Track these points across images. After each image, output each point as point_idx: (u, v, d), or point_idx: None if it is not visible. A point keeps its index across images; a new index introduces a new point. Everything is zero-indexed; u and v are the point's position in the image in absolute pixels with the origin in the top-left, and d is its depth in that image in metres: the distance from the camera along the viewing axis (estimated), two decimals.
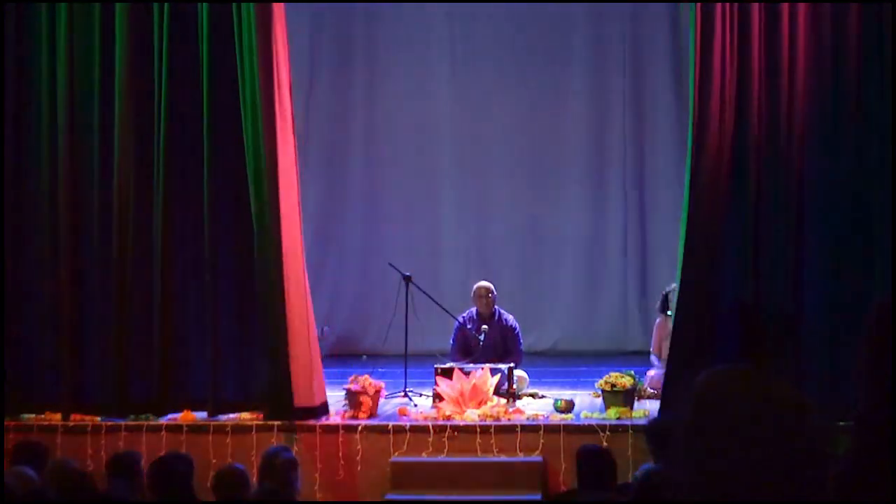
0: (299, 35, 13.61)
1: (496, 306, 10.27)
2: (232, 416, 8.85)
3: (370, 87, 13.59)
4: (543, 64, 13.46)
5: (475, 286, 10.31)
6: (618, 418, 8.65)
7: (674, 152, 13.41)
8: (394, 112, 13.57)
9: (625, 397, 8.93)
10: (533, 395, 9.86)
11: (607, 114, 13.47)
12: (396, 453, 8.57)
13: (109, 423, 8.77)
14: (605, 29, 13.41)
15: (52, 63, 9.05)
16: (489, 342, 10.06)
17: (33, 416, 8.90)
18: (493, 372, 9.19)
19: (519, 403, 9.32)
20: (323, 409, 8.90)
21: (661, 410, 8.52)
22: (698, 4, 8.59)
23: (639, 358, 11.13)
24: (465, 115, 13.53)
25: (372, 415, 8.87)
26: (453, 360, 9.87)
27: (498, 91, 13.50)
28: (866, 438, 4.20)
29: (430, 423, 8.67)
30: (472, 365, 9.51)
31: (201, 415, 8.89)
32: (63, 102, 9.02)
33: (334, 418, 8.83)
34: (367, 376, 9.06)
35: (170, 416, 8.88)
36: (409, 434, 8.61)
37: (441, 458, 8.55)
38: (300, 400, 8.74)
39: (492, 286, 10.27)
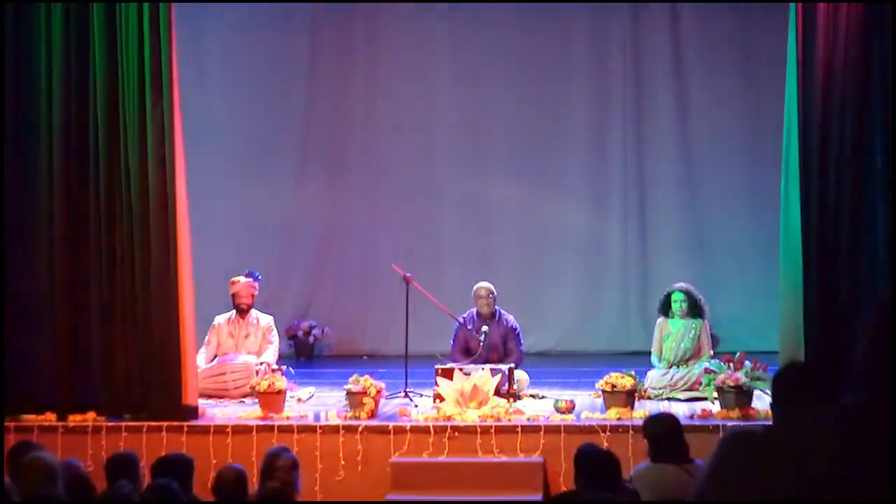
0: (299, 35, 13.65)
1: (496, 306, 10.27)
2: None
3: (370, 87, 13.59)
4: (544, 64, 13.47)
5: (475, 287, 10.30)
6: (618, 419, 8.65)
7: (674, 152, 13.45)
8: (394, 112, 13.57)
9: (625, 398, 8.93)
10: (533, 396, 9.86)
11: (608, 114, 13.48)
12: (397, 454, 8.57)
13: (110, 424, 8.77)
14: (606, 29, 13.42)
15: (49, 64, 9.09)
16: (490, 343, 10.06)
17: (33, 416, 8.91)
18: (494, 372, 9.19)
19: (519, 404, 9.32)
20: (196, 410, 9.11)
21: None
22: (799, 4, 8.58)
23: (639, 358, 11.12)
24: (466, 115, 13.54)
25: (372, 415, 8.86)
26: (454, 361, 9.87)
27: (498, 91, 13.51)
28: (860, 436, 4.22)
29: (430, 424, 8.66)
30: (472, 365, 9.51)
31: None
32: (58, 105, 9.10)
33: (335, 419, 8.83)
34: (367, 377, 9.05)
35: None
36: (409, 434, 8.61)
37: (441, 458, 8.55)
38: (186, 399, 8.94)
39: (492, 287, 10.27)
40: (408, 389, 9.73)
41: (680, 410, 9.00)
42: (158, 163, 8.98)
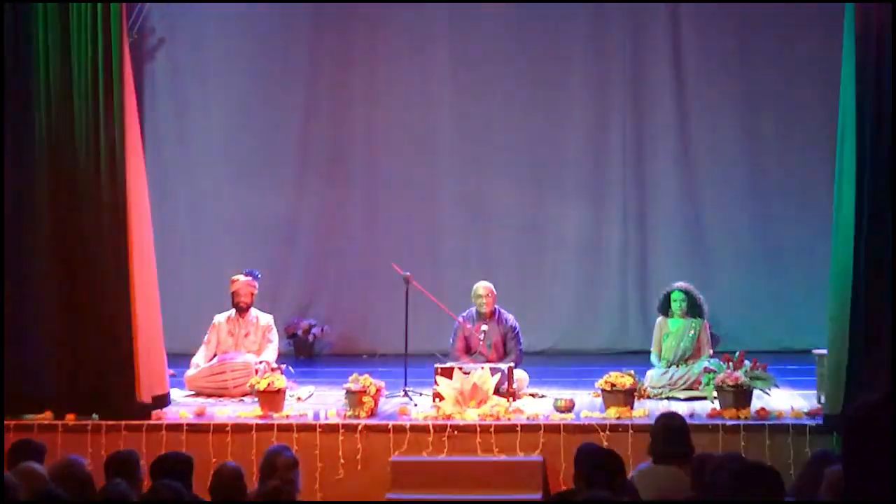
0: (300, 36, 13.64)
1: (496, 305, 10.27)
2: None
3: (370, 87, 13.58)
4: (543, 64, 13.46)
5: (475, 286, 10.30)
6: (617, 418, 8.65)
7: (673, 152, 13.44)
8: (394, 112, 13.57)
9: (625, 397, 8.93)
10: (533, 395, 9.86)
11: (607, 114, 13.48)
12: (396, 452, 8.57)
13: (109, 423, 8.78)
14: (606, 29, 13.42)
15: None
16: (490, 342, 10.06)
17: (33, 415, 8.91)
18: (493, 371, 9.19)
19: (519, 403, 9.32)
20: (166, 399, 9.14)
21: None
22: (858, 5, 8.53)
23: (639, 357, 11.13)
24: (466, 115, 13.53)
25: (372, 414, 8.87)
26: (454, 360, 9.87)
27: (498, 91, 13.50)
28: (866, 435, 4.24)
29: (430, 423, 8.66)
30: (472, 364, 9.52)
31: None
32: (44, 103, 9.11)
33: (335, 418, 8.83)
34: (367, 376, 9.06)
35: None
36: (409, 433, 8.61)
37: (441, 457, 8.55)
38: (141, 397, 8.92)
39: (491, 286, 10.27)
40: (407, 388, 9.74)
41: (679, 410, 9.01)
42: (110, 160, 8.91)
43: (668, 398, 9.67)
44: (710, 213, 13.39)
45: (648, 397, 9.64)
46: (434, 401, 9.16)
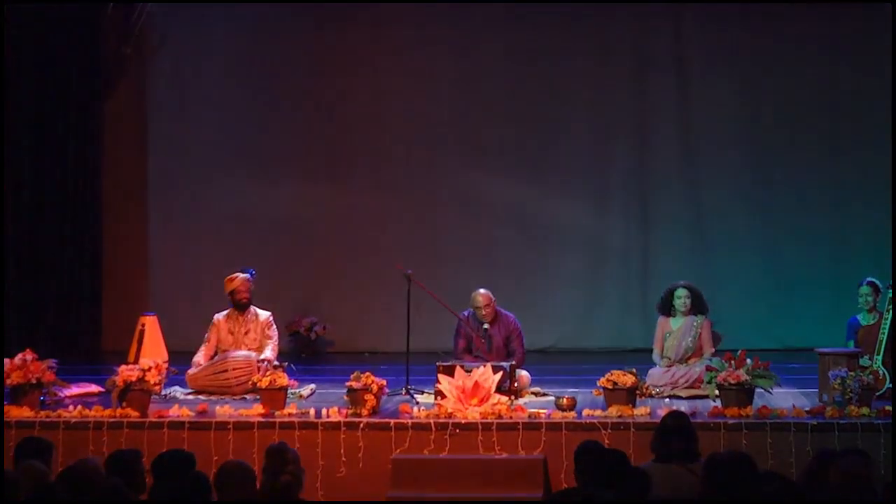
0: (302, 34, 13.65)
1: (497, 307, 10.22)
2: None
3: (372, 84, 13.59)
4: (546, 63, 13.47)
5: (473, 295, 10.10)
6: (619, 416, 8.64)
7: (675, 151, 13.45)
8: (396, 110, 13.58)
9: (626, 395, 8.92)
10: (535, 393, 9.85)
11: (609, 112, 13.49)
12: (398, 450, 8.57)
13: (112, 420, 8.77)
14: (608, 28, 13.43)
15: None
16: (493, 343, 10.04)
17: (33, 412, 8.91)
18: (495, 369, 9.18)
19: (520, 401, 9.31)
20: None
21: None
22: None
23: (640, 356, 11.13)
24: (468, 113, 13.54)
25: (374, 412, 8.86)
26: (457, 358, 9.87)
27: (500, 90, 13.52)
28: None
29: (431, 421, 8.66)
30: (474, 362, 9.51)
31: None
32: None
33: (336, 416, 8.82)
34: (368, 373, 9.05)
35: None
36: (410, 431, 8.60)
37: (443, 455, 8.54)
38: None
39: (489, 293, 10.07)
40: (409, 386, 9.74)
41: (681, 408, 9.00)
42: None
43: (669, 397, 9.67)
44: (712, 212, 13.40)
45: (650, 396, 9.64)
46: (436, 399, 9.15)
